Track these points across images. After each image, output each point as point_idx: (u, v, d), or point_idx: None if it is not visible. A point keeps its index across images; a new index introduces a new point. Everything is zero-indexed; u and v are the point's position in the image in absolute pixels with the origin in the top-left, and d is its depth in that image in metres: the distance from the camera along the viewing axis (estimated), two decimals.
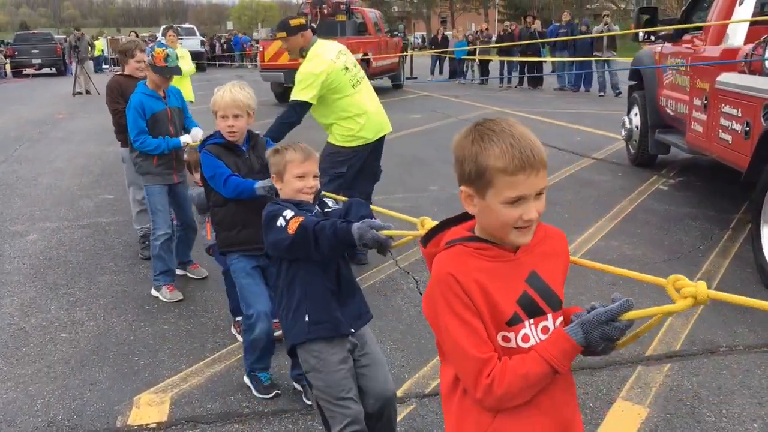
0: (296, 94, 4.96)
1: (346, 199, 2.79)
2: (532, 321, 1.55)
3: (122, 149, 5.51)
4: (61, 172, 9.24)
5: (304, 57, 5.04)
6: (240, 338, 3.94)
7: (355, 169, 5.23)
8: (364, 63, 17.27)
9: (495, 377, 1.49)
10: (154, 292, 4.82)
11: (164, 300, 4.72)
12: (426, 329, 4.15)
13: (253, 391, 3.47)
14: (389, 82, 20.53)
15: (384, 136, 5.42)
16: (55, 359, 3.91)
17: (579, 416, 1.68)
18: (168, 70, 4.56)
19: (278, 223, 2.43)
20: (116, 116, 5.29)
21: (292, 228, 2.38)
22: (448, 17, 62.70)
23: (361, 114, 5.14)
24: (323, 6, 17.48)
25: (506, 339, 1.53)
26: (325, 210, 2.65)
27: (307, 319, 2.50)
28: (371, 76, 18.01)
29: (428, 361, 3.75)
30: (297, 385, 3.41)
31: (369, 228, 2.24)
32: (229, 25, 60.11)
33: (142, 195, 5.19)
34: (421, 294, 4.69)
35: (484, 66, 22.23)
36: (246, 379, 3.53)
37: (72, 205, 7.45)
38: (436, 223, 1.72)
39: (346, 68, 5.10)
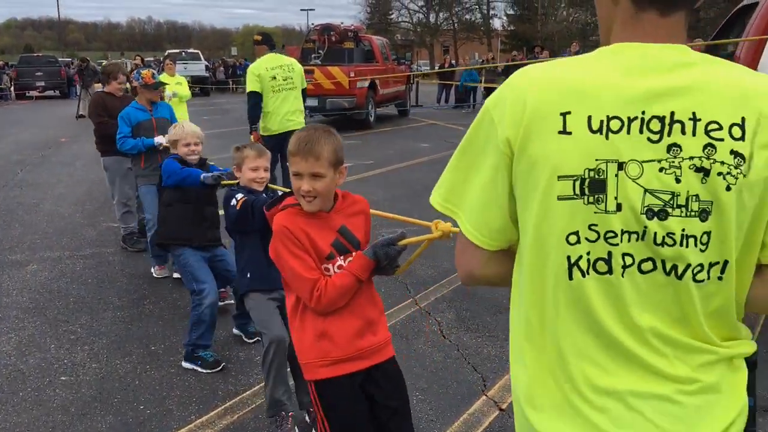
0: (247, 88, 7.59)
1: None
2: (342, 257, 2.34)
3: (103, 158, 6.46)
4: (63, 198, 8.99)
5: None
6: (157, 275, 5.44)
7: None
8: (371, 90, 17.17)
9: (321, 290, 2.25)
10: (152, 270, 5.80)
11: (155, 276, 5.72)
12: (454, 376, 3.86)
13: (199, 369, 3.98)
14: (395, 110, 20.40)
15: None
16: (54, 406, 3.62)
17: (383, 317, 2.49)
18: (156, 84, 5.67)
19: (232, 203, 3.27)
20: (99, 127, 6.23)
21: (239, 205, 3.23)
22: (451, 46, 63.03)
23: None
24: (331, 33, 17.37)
25: (326, 269, 2.32)
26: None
27: (248, 276, 3.33)
28: (378, 104, 17.89)
29: (459, 413, 3.47)
30: (236, 331, 4.43)
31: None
32: (233, 51, 60.33)
33: (124, 198, 6.34)
34: (445, 337, 4.41)
35: (490, 94, 22.10)
36: (187, 364, 4.03)
37: (74, 233, 7.19)
38: (450, 226, 2.18)
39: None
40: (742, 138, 1.14)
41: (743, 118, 1.15)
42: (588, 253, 1.18)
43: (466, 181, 1.29)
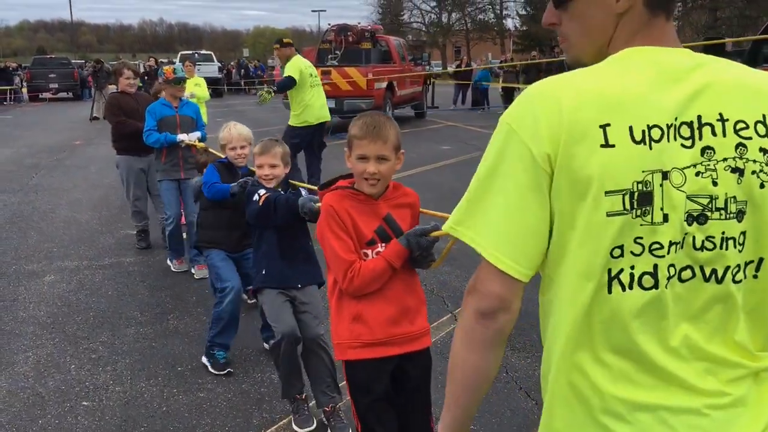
0: (287, 71, 8.37)
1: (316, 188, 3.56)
2: (384, 244, 2.39)
3: (117, 157, 6.51)
4: (79, 204, 8.74)
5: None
6: (249, 301, 4.83)
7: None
8: (389, 91, 16.87)
9: (355, 272, 2.31)
10: (168, 263, 5.92)
11: (173, 269, 5.83)
12: (507, 403, 3.55)
13: (209, 368, 4.00)
14: (411, 111, 20.08)
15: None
16: None
17: (423, 308, 2.53)
18: (178, 79, 5.68)
19: (254, 198, 3.31)
20: (117, 127, 6.30)
21: (262, 200, 3.26)
22: (463, 47, 62.62)
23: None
24: (348, 34, 17.09)
25: (365, 254, 2.38)
26: (298, 194, 3.39)
27: (263, 272, 3.35)
28: (395, 105, 17.58)
29: None
30: (266, 345, 4.22)
31: (308, 200, 3.15)
32: (245, 52, 60.23)
33: (134, 198, 6.43)
34: None
35: (508, 95, 21.77)
36: (204, 359, 4.08)
37: (92, 241, 6.93)
38: None
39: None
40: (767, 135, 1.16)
41: (764, 116, 1.17)
42: (632, 267, 1.15)
43: (494, 206, 1.19)
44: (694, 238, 1.14)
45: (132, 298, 5.27)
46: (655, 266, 1.14)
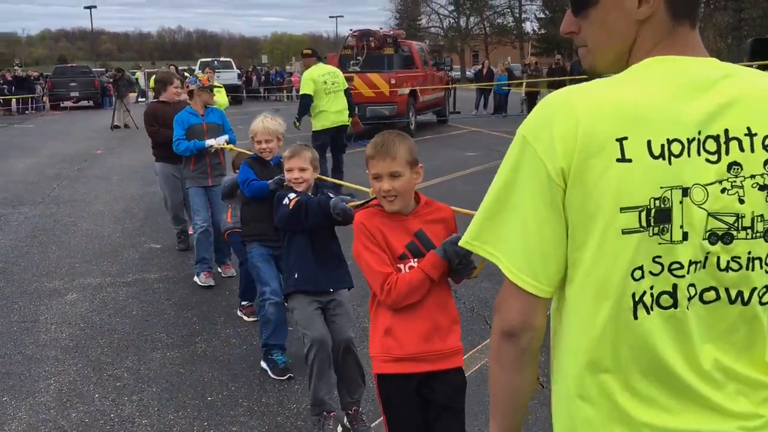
0: (302, 90, 9.29)
1: (344, 183, 3.95)
2: (416, 259, 2.41)
3: (156, 164, 6.62)
4: (101, 216, 8.55)
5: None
6: (246, 318, 4.91)
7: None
8: (411, 97, 16.60)
9: (392, 284, 2.35)
10: (195, 279, 5.78)
11: (200, 284, 5.70)
12: None
13: (270, 373, 4.02)
14: (433, 117, 19.79)
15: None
16: None
17: (456, 327, 2.49)
18: (212, 87, 6.03)
19: (284, 202, 3.30)
20: (151, 136, 6.50)
21: (292, 205, 3.25)
22: (481, 50, 62.25)
23: None
24: (370, 39, 16.84)
25: (398, 269, 2.40)
26: (329, 195, 3.35)
27: (296, 276, 3.31)
28: (418, 111, 17.31)
29: None
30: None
31: (340, 201, 3.11)
32: (264, 59, 60.36)
33: (171, 201, 6.60)
34: (543, 387, 3.80)
35: (532, 99, 21.42)
36: (263, 363, 4.10)
37: (115, 256, 6.71)
38: None
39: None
40: None
41: None
42: (651, 288, 1.11)
43: (510, 221, 1.16)
44: (718, 258, 1.10)
45: (158, 319, 5.03)
46: (675, 286, 1.10)
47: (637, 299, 1.11)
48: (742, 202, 1.09)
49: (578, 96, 1.13)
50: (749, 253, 1.10)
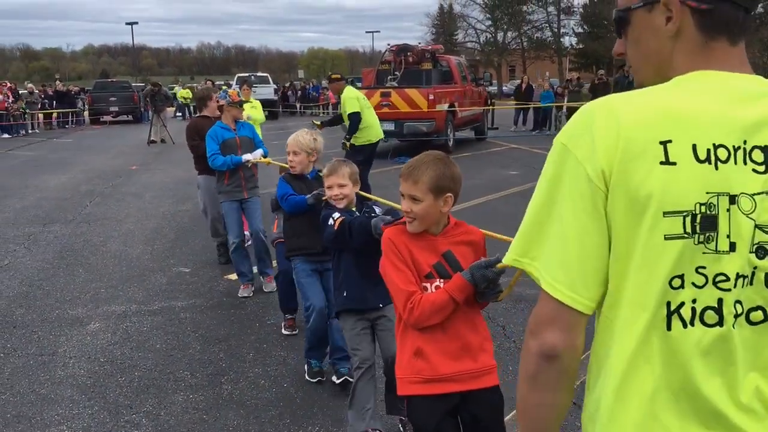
0: (350, 109, 9.14)
1: (390, 203, 3.91)
2: (442, 280, 2.39)
3: (199, 177, 6.76)
4: (131, 236, 8.29)
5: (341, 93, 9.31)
6: (283, 331, 4.97)
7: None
8: (450, 113, 16.19)
9: (415, 303, 2.32)
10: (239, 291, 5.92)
11: (239, 296, 5.81)
12: None
13: (306, 375, 4.18)
14: (471, 133, 19.34)
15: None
16: None
17: (488, 345, 2.47)
18: (241, 102, 5.97)
19: (329, 222, 3.28)
20: (192, 150, 6.60)
21: (337, 224, 3.24)
22: (518, 65, 61.61)
23: None
24: (408, 54, 16.51)
25: (424, 288, 2.38)
26: (372, 215, 3.33)
27: (345, 294, 3.29)
28: (456, 128, 16.88)
29: None
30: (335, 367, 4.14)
31: (381, 221, 3.02)
32: (300, 74, 60.61)
33: (211, 215, 6.68)
34: None
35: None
36: (305, 367, 4.23)
37: (142, 281, 6.40)
38: None
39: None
40: None
41: None
42: (694, 301, 1.04)
43: (552, 234, 1.11)
44: (766, 274, 1.04)
45: (182, 354, 4.68)
46: (720, 300, 1.04)
47: (672, 309, 1.05)
48: None
49: (619, 101, 1.11)
50: None
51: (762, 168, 1.05)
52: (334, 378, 4.07)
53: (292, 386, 4.15)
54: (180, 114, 34.38)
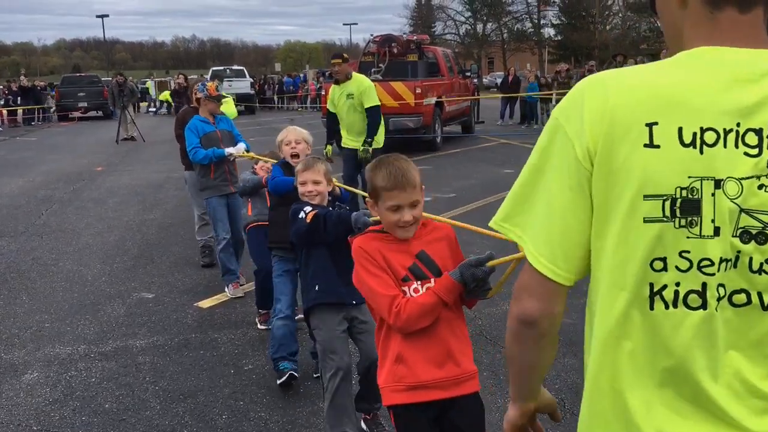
0: (376, 101, 7.47)
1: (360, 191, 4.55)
2: (420, 282, 2.31)
3: (186, 172, 6.56)
4: (88, 252, 7.28)
5: (349, 78, 7.49)
6: (261, 326, 4.92)
7: None
8: (437, 108, 15.29)
9: (401, 306, 2.21)
10: (225, 290, 5.69)
11: (229, 295, 5.61)
12: None
13: (277, 381, 3.96)
14: (457, 127, 18.46)
15: None
16: None
17: (468, 350, 2.37)
18: (219, 96, 5.77)
19: (300, 216, 3.20)
20: (179, 142, 6.39)
21: (309, 218, 3.16)
22: (497, 57, 60.93)
23: None
24: (393, 45, 15.56)
25: (403, 292, 2.28)
26: (345, 209, 3.45)
27: (316, 288, 3.20)
28: (444, 123, 16.01)
29: None
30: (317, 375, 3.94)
31: (362, 215, 3.02)
32: (277, 67, 59.37)
33: (201, 211, 6.38)
34: None
35: None
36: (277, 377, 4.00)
37: (96, 311, 5.43)
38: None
39: None
40: None
41: None
42: (677, 284, 1.06)
43: (538, 204, 1.15)
44: (751, 258, 1.04)
45: (137, 418, 3.73)
46: (704, 284, 1.05)
47: (655, 290, 1.06)
48: None
49: (613, 78, 1.11)
50: None
51: (755, 151, 1.03)
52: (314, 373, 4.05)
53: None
54: (153, 110, 33.13)
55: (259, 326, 4.93)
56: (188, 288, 5.95)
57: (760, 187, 1.02)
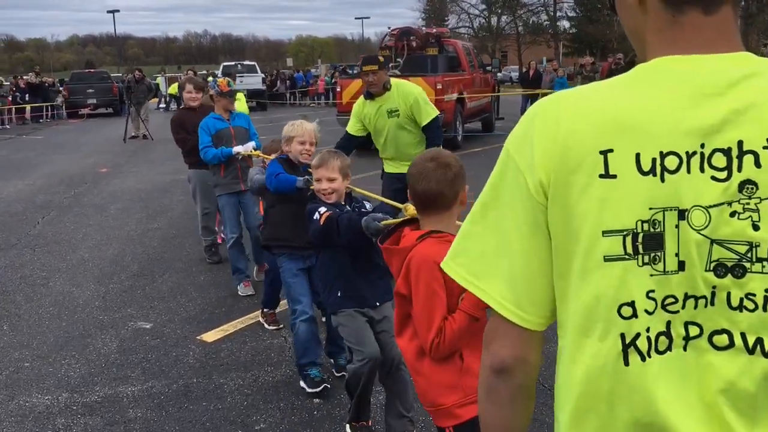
0: (433, 111, 5.48)
1: (381, 198, 4.15)
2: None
3: (190, 170, 6.43)
4: (83, 269, 6.58)
5: (388, 89, 5.36)
6: (267, 326, 4.90)
7: None
8: (459, 104, 14.52)
9: (441, 339, 2.14)
10: (238, 289, 5.66)
11: (240, 294, 5.58)
12: None
13: (307, 389, 3.83)
14: (478, 125, 17.66)
15: None
16: None
17: None
18: (232, 92, 5.64)
19: (314, 216, 3.16)
20: (178, 144, 6.38)
21: (323, 219, 3.10)
22: (511, 51, 59.97)
23: None
24: (411, 38, 14.79)
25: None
26: (362, 210, 3.30)
27: (339, 294, 3.18)
28: (465, 120, 15.24)
29: None
30: (331, 360, 4.15)
31: (372, 220, 2.94)
32: (289, 62, 58.71)
33: (204, 210, 6.38)
34: None
35: None
36: (301, 383, 3.89)
37: (84, 346, 4.71)
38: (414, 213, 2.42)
39: None
40: None
41: None
42: (648, 330, 0.94)
43: (494, 245, 1.03)
44: (729, 294, 0.92)
45: None
46: (668, 323, 0.93)
47: (627, 341, 0.94)
48: (756, 228, 0.89)
49: (564, 102, 1.00)
50: (767, 290, 0.89)
51: (723, 174, 0.90)
52: (334, 371, 4.06)
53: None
54: (163, 106, 32.54)
55: (266, 326, 4.90)
56: (191, 315, 5.23)
57: (733, 214, 0.90)
